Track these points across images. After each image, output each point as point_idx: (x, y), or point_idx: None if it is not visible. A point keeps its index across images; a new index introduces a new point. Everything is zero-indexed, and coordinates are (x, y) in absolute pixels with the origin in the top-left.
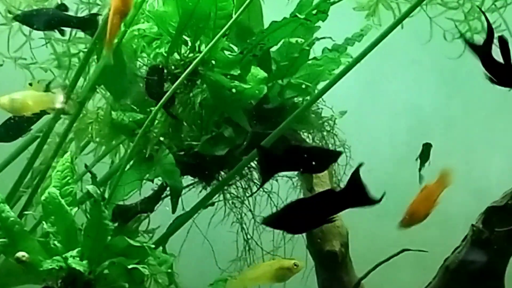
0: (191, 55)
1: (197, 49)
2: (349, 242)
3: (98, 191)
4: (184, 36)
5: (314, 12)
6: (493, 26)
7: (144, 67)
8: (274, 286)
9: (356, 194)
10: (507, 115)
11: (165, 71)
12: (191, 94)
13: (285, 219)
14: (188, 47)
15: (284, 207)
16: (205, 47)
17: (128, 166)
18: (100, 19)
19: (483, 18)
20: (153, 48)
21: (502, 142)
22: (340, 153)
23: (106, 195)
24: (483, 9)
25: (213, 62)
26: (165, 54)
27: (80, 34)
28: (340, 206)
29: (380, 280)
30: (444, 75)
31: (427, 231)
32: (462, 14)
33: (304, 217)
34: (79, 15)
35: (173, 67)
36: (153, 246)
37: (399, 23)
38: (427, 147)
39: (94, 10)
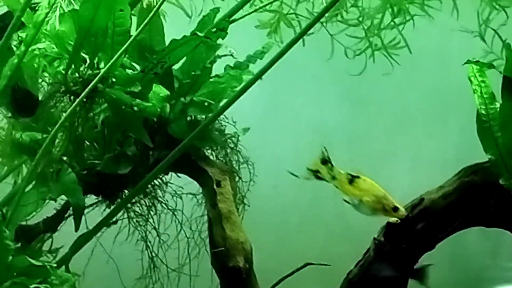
0: (89, 72)
1: (95, 66)
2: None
3: None
4: (82, 54)
5: (213, 30)
6: (393, 43)
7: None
8: None
9: None
10: (407, 130)
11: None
12: (92, 113)
13: None
14: (87, 64)
15: None
16: (104, 64)
17: (30, 186)
18: None
19: (382, 34)
20: (54, 67)
21: (403, 157)
22: None
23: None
24: (382, 26)
25: (113, 79)
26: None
27: None
28: None
29: None
30: (345, 91)
31: (332, 246)
32: (363, 31)
33: None
34: None
35: (71, 85)
36: (55, 265)
37: (297, 40)
38: None
39: None
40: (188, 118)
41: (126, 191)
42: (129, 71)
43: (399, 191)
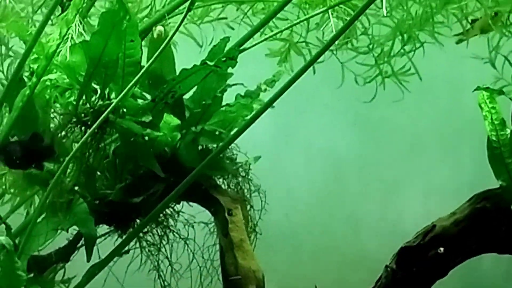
0: (100, 102)
1: (106, 96)
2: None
3: (11, 242)
4: (93, 84)
5: (223, 59)
6: (403, 71)
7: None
8: None
9: None
10: (419, 157)
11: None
12: (103, 143)
13: None
14: (98, 95)
15: None
16: (115, 94)
17: (42, 216)
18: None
19: (392, 61)
20: (65, 98)
21: (415, 184)
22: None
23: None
24: (392, 53)
25: (124, 109)
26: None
27: None
28: None
29: None
30: (357, 118)
31: (345, 274)
32: (373, 59)
33: None
34: None
35: (82, 115)
36: None
37: (307, 69)
38: None
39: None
40: (199, 147)
41: (138, 221)
42: (139, 101)
43: (411, 218)
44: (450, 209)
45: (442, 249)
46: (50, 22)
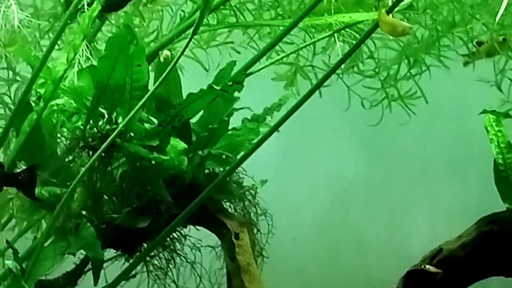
0: (108, 127)
1: (113, 121)
2: None
3: (18, 267)
4: (100, 109)
5: (230, 83)
6: (409, 94)
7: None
8: None
9: None
10: (426, 180)
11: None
12: (110, 167)
13: None
14: (105, 119)
15: None
16: (122, 118)
17: (50, 241)
18: None
19: (399, 85)
20: (72, 123)
21: (423, 207)
22: None
23: None
24: (398, 77)
25: (131, 133)
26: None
27: None
28: None
29: None
30: (363, 141)
31: None
32: (379, 82)
33: None
34: None
35: (90, 140)
36: None
37: (313, 92)
38: None
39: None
40: (206, 171)
41: (145, 245)
42: (146, 125)
43: (418, 241)
44: (457, 232)
45: (429, 266)
46: (57, 46)
